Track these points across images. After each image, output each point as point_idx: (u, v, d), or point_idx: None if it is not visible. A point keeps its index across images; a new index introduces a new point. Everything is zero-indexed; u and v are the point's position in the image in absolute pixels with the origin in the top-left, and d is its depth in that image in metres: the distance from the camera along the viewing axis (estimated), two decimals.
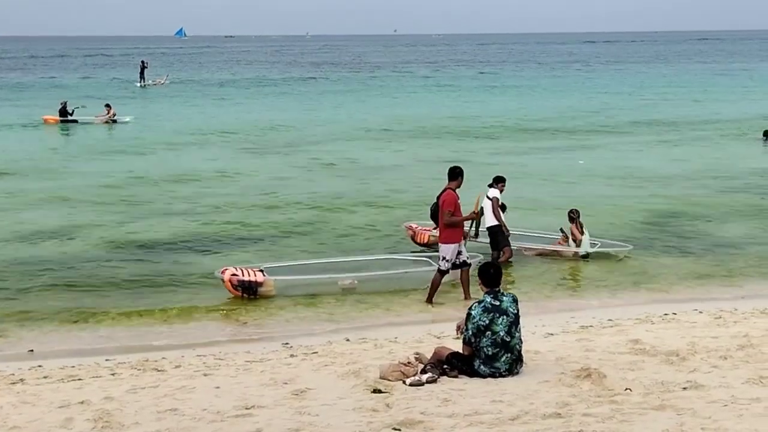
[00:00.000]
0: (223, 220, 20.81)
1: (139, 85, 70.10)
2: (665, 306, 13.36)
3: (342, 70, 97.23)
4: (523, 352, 9.34)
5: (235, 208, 22.12)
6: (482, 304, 9.24)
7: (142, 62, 75.46)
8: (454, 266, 14.19)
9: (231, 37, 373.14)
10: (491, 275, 9.42)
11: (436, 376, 9.03)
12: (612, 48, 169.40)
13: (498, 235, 16.27)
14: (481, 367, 9.11)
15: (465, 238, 14.49)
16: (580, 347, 10.32)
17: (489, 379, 9.00)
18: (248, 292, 14.58)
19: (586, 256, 16.89)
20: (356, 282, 14.96)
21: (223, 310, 14.07)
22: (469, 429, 7.50)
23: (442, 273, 14.20)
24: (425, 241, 17.35)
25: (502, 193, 16.41)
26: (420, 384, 8.84)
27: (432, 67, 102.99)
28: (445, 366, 9.19)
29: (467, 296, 14.17)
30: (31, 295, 14.84)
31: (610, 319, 12.35)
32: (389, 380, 8.98)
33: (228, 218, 20.96)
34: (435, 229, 15.76)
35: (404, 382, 8.89)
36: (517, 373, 9.15)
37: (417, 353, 9.72)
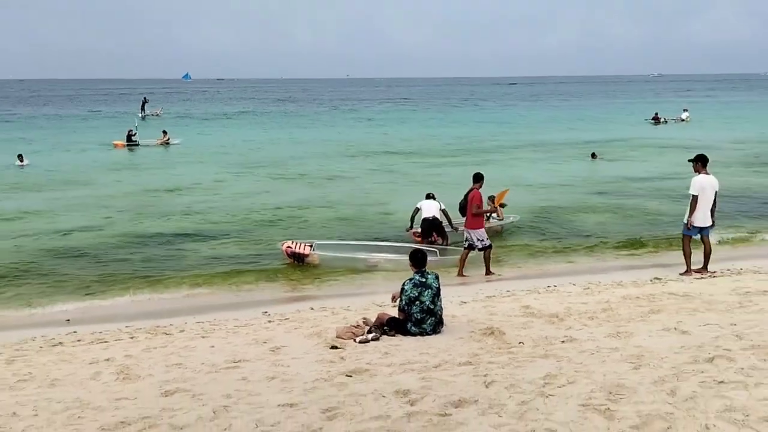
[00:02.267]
0: (217, 218, 20.49)
1: (140, 115, 67.61)
2: (548, 280, 13.41)
3: (303, 106, 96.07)
4: (443, 317, 9.33)
5: (225, 209, 21.75)
6: (412, 281, 9.22)
7: (144, 98, 75.52)
8: (471, 247, 14.23)
9: (221, 80, 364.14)
10: (419, 259, 9.42)
11: (379, 336, 9.01)
12: (522, 89, 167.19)
13: (440, 228, 16.38)
14: (412, 328, 9.08)
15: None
16: (486, 312, 10.34)
17: (418, 337, 8.98)
18: (297, 260, 14.70)
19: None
20: (382, 261, 14.80)
21: (216, 285, 13.84)
22: (403, 375, 7.46)
23: (471, 249, 14.20)
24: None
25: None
26: (366, 341, 8.82)
27: (375, 105, 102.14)
28: (386, 327, 9.17)
29: (488, 272, 14.24)
30: (69, 276, 14.53)
31: (508, 291, 12.37)
32: (343, 339, 8.93)
33: (220, 216, 20.64)
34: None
35: (355, 340, 8.85)
36: (439, 332, 9.14)
37: (364, 318, 9.68)
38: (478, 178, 14.48)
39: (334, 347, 8.63)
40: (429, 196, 16.96)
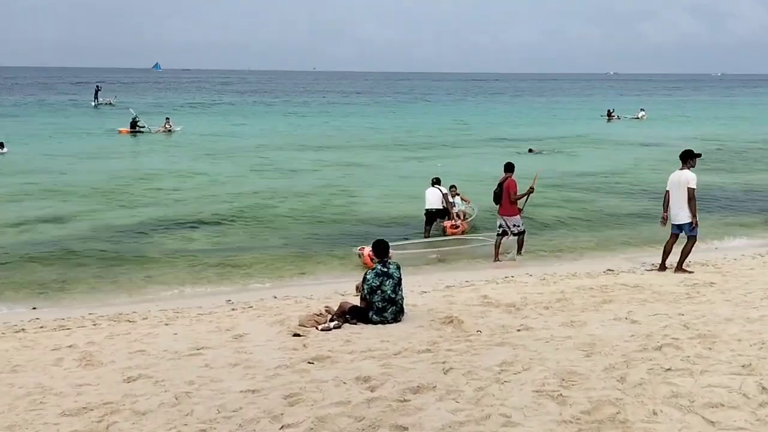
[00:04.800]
0: (188, 207, 20.09)
1: (93, 104, 64.73)
2: (506, 271, 13.38)
3: (268, 97, 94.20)
4: (404, 305, 9.30)
5: (191, 200, 21.36)
6: (374, 271, 9.17)
7: (97, 86, 69.67)
8: (504, 233, 14.29)
9: (188, 70, 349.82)
10: (382, 249, 9.38)
11: (341, 324, 8.95)
12: (485, 85, 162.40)
13: (436, 215, 16.30)
14: (374, 316, 9.04)
15: (520, 212, 14.39)
16: (445, 301, 10.32)
17: (379, 325, 8.94)
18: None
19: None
20: (439, 256, 14.64)
21: (180, 275, 13.55)
22: (364, 362, 7.42)
23: (505, 235, 14.29)
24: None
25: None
26: (328, 329, 8.75)
27: (337, 96, 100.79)
28: (348, 316, 9.11)
29: (519, 252, 14.40)
30: (32, 266, 14.13)
31: (466, 281, 12.33)
32: (306, 327, 8.85)
33: (185, 207, 20.20)
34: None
35: (317, 328, 8.78)
36: (400, 320, 9.12)
37: (327, 306, 9.60)
38: (510, 168, 14.29)
39: (296, 335, 8.54)
40: (434, 182, 16.63)
